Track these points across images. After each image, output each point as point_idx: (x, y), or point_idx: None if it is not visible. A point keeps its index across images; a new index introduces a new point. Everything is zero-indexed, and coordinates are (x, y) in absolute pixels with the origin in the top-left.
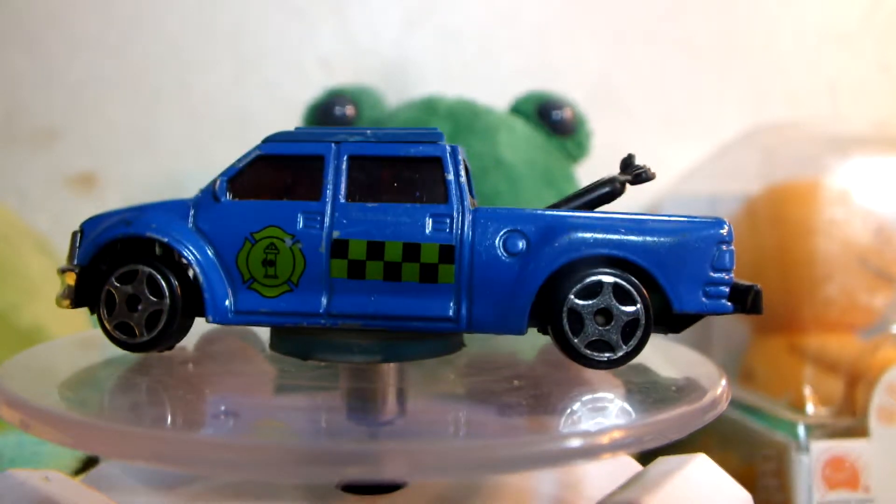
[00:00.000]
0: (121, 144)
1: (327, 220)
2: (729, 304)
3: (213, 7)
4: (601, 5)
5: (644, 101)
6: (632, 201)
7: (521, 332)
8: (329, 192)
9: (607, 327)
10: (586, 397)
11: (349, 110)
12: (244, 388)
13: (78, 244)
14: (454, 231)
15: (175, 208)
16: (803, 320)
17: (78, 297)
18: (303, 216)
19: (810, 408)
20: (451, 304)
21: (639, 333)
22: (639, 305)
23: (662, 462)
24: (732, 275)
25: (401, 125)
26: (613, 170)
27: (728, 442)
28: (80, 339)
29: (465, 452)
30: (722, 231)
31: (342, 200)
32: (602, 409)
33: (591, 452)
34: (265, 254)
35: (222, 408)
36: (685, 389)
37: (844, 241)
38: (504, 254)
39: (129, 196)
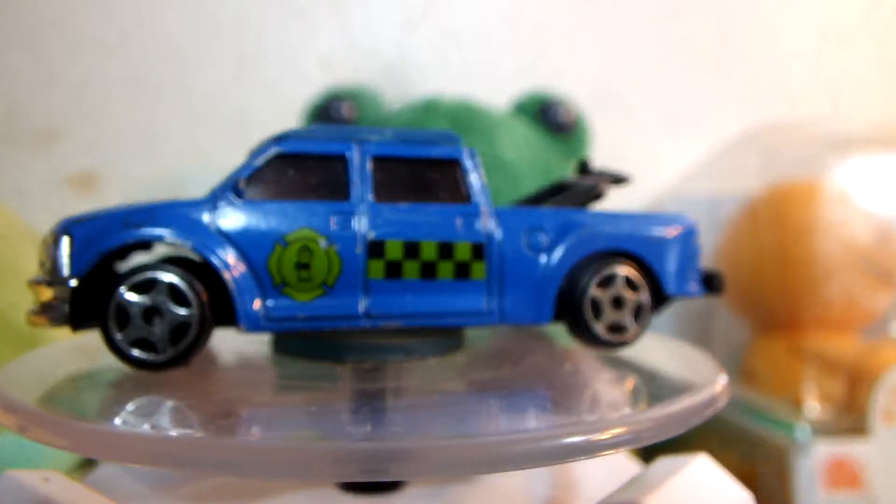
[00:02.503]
0: (121, 144)
1: (361, 220)
2: (701, 287)
3: (213, 7)
4: (601, 5)
5: (644, 101)
6: (632, 201)
7: (548, 321)
8: (358, 193)
9: (620, 312)
10: (585, 394)
11: (349, 110)
12: (244, 389)
13: (68, 252)
14: (483, 229)
15: (190, 209)
16: (803, 320)
17: (74, 312)
18: (335, 217)
19: (811, 408)
20: (484, 299)
21: (645, 316)
22: (644, 292)
23: (663, 462)
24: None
25: (401, 125)
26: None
27: (728, 442)
28: (78, 344)
29: (465, 451)
30: (694, 226)
31: (372, 201)
32: (601, 406)
33: (591, 449)
34: (298, 256)
35: (221, 409)
36: (684, 386)
37: (844, 241)
38: (528, 249)
39: (129, 196)
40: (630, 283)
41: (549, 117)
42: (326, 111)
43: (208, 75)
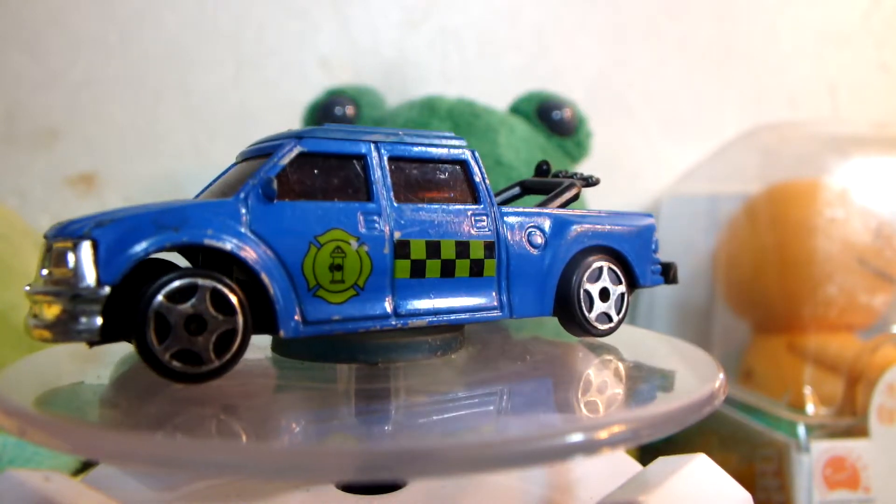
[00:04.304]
0: (121, 144)
1: (386, 221)
2: (661, 277)
3: (213, 7)
4: (601, 5)
5: (644, 101)
6: (632, 201)
7: (550, 313)
8: (381, 193)
9: (607, 303)
10: (583, 393)
11: (349, 110)
12: (244, 390)
13: (92, 258)
14: (492, 228)
15: (222, 210)
16: (803, 320)
17: (106, 326)
18: (363, 217)
19: (810, 408)
20: (495, 295)
21: (625, 306)
22: (623, 284)
23: (662, 462)
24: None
25: (401, 125)
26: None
27: (728, 442)
28: (78, 346)
29: (465, 451)
30: (653, 222)
31: (393, 202)
32: (601, 404)
33: (591, 448)
34: (332, 258)
35: (221, 410)
36: (683, 383)
37: (844, 241)
38: (529, 247)
39: (129, 196)
40: (613, 277)
41: (548, 117)
42: (326, 111)
43: (208, 75)
